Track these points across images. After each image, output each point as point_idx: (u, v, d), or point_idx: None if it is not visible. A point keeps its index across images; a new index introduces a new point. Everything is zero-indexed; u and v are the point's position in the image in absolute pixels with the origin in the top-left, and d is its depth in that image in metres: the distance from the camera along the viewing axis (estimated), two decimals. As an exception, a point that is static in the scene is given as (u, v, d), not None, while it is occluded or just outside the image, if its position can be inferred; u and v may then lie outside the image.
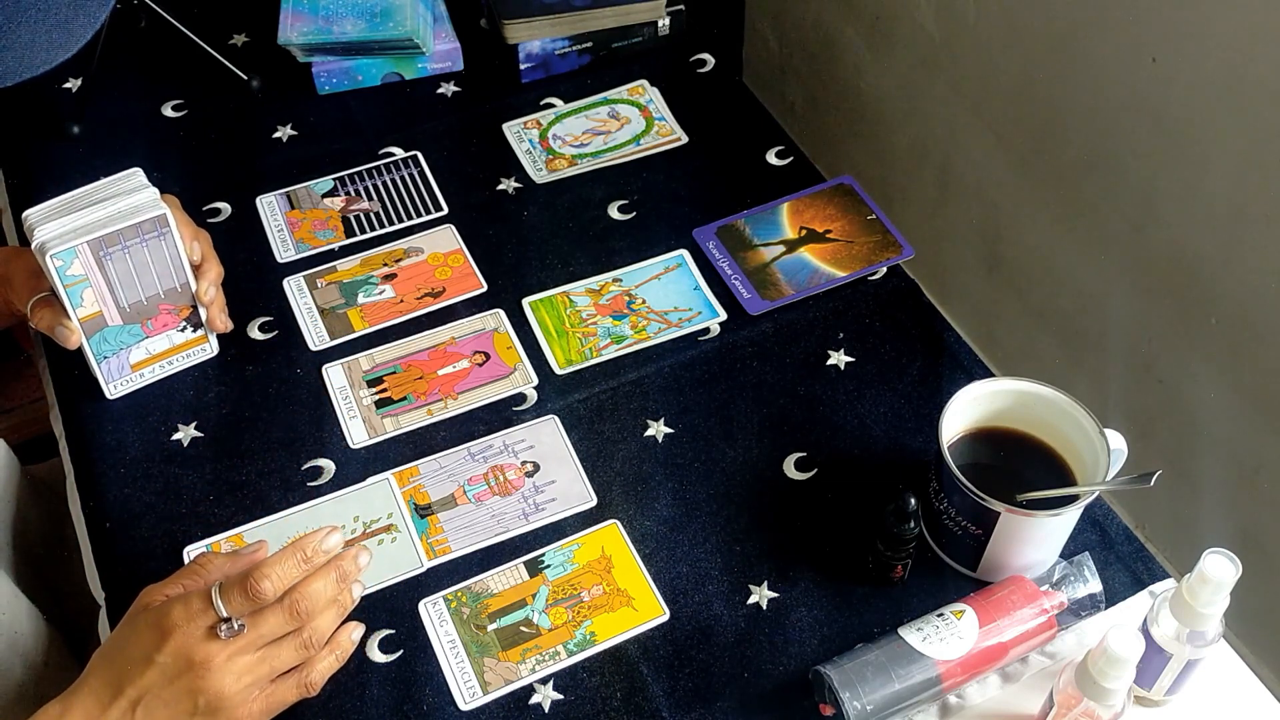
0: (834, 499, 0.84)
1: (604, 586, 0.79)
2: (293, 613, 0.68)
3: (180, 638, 0.66)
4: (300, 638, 0.69)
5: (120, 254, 0.81)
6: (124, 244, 0.80)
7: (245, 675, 0.67)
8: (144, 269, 0.83)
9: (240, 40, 1.20)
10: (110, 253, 0.81)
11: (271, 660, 0.68)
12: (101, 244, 0.80)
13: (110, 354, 0.86)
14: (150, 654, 0.66)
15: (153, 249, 0.82)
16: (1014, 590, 0.75)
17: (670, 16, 1.16)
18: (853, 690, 0.70)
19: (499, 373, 0.91)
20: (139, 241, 0.81)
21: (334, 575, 0.70)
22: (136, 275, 0.83)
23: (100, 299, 0.82)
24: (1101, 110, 1.05)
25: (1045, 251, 1.19)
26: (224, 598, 0.66)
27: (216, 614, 0.66)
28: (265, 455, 0.86)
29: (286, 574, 0.68)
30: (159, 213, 0.81)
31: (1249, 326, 0.99)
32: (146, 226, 0.81)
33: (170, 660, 0.66)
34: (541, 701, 0.74)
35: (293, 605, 0.68)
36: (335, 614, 0.71)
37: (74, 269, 0.79)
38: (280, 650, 0.69)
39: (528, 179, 1.06)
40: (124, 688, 0.65)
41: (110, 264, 0.81)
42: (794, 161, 1.07)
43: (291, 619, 0.68)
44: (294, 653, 0.69)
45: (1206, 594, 0.65)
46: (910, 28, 1.25)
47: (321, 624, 0.70)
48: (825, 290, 0.96)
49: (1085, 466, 0.76)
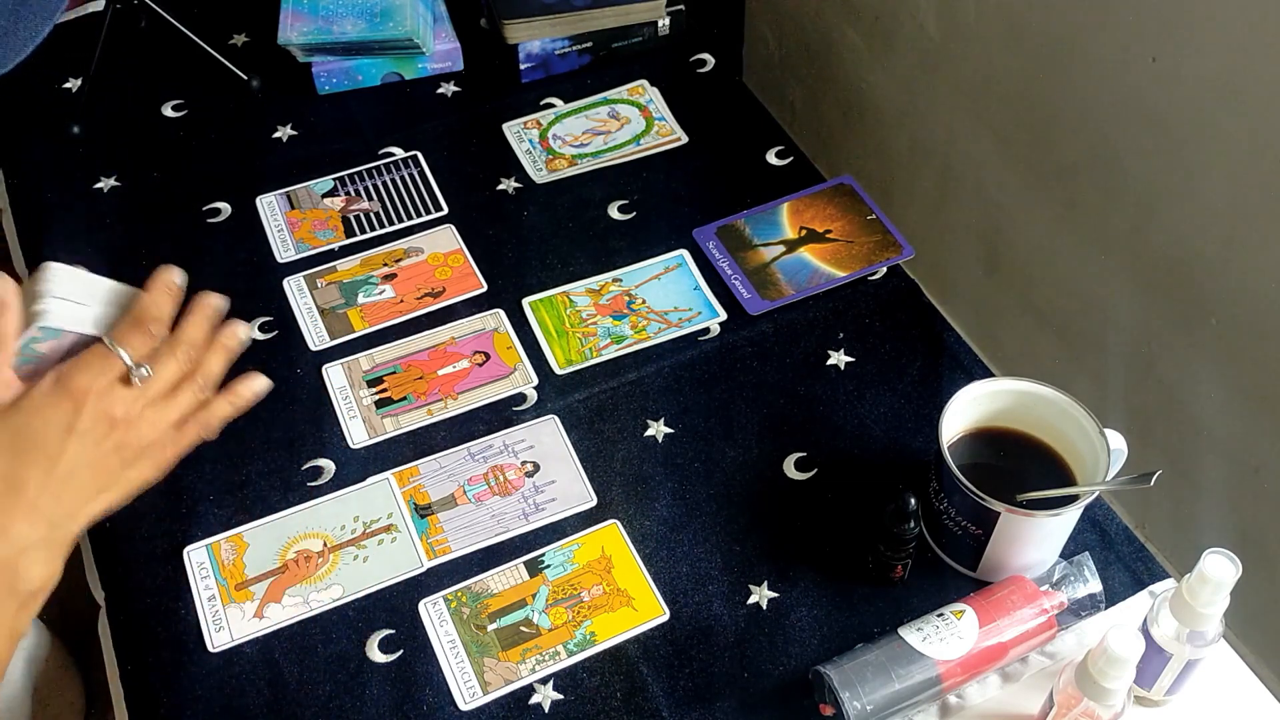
0: (834, 499, 0.84)
1: (604, 586, 0.79)
2: (185, 357, 0.69)
3: (96, 398, 0.65)
4: (195, 382, 0.70)
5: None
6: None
7: (159, 422, 0.68)
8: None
9: (240, 40, 1.20)
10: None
11: (175, 407, 0.69)
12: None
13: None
14: (68, 424, 0.64)
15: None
16: (1014, 590, 0.74)
17: (670, 16, 1.16)
18: (853, 690, 0.69)
19: (499, 373, 0.91)
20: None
21: (198, 316, 0.71)
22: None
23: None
24: (1102, 110, 1.05)
25: (1045, 251, 1.19)
26: (121, 340, 0.66)
27: (123, 363, 0.66)
28: (265, 455, 0.86)
29: (166, 309, 0.68)
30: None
31: (1249, 326, 0.99)
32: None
33: (91, 423, 0.65)
34: (541, 701, 0.74)
35: (183, 350, 0.69)
36: (220, 354, 0.72)
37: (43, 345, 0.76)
38: (179, 397, 0.69)
39: (528, 179, 1.06)
40: (48, 467, 0.64)
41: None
42: (794, 161, 1.07)
43: (184, 361, 0.69)
44: (192, 396, 0.70)
45: (1206, 594, 0.65)
46: (910, 28, 1.25)
47: (210, 366, 0.71)
48: (825, 290, 0.96)
49: (1085, 466, 0.76)
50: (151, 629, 0.78)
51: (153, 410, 0.68)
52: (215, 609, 0.78)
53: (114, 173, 1.07)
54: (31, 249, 1.02)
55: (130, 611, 0.78)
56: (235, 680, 0.75)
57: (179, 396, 0.70)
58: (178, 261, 0.79)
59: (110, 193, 1.06)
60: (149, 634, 0.78)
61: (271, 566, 0.80)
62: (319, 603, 0.79)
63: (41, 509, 0.64)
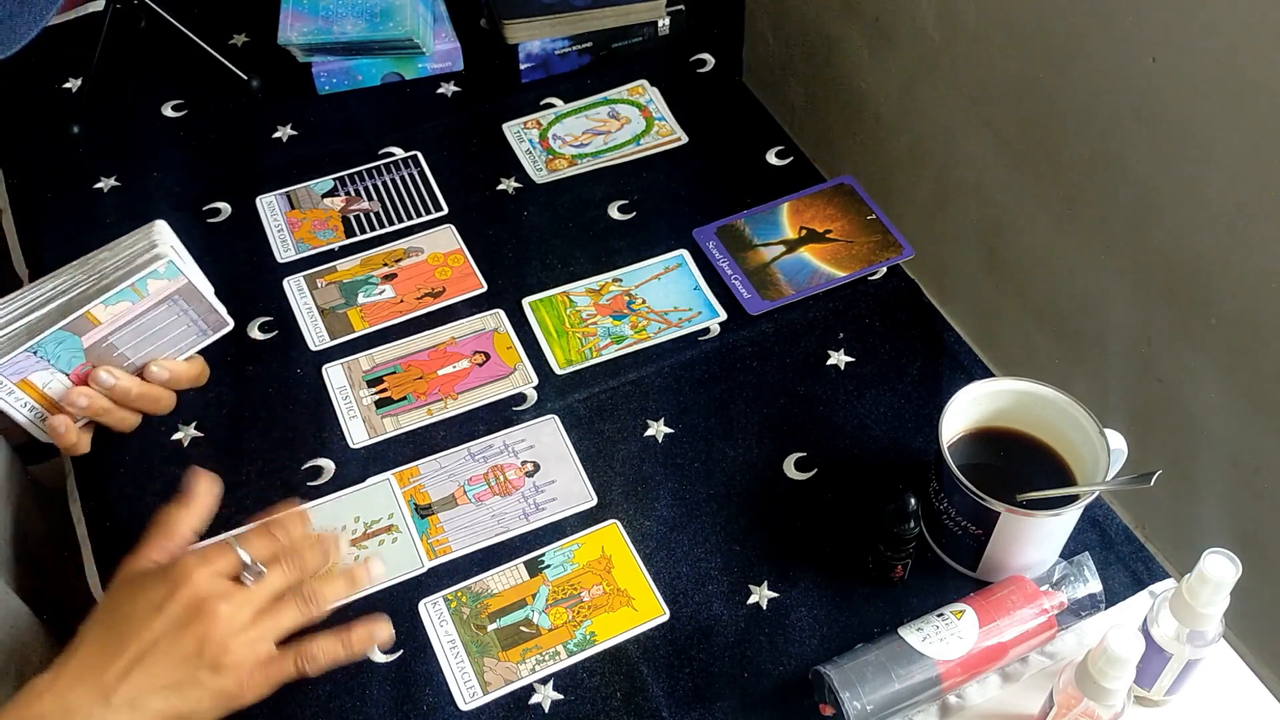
0: (834, 499, 0.84)
1: (604, 586, 0.79)
2: (291, 565, 0.67)
3: (193, 584, 0.63)
4: (301, 594, 0.67)
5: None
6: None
7: (251, 629, 0.65)
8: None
9: (240, 40, 1.20)
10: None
11: (276, 616, 0.66)
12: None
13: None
14: (159, 604, 0.63)
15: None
16: (1014, 590, 0.75)
17: (670, 16, 1.16)
18: (853, 690, 0.70)
19: (499, 373, 0.91)
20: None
21: (327, 544, 0.70)
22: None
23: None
24: (1101, 110, 1.05)
25: (1045, 251, 1.19)
26: (245, 545, 0.65)
27: (238, 557, 0.65)
28: (265, 455, 0.86)
29: (295, 525, 0.68)
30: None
31: (1249, 326, 0.99)
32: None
33: (180, 608, 0.63)
34: (541, 701, 0.74)
35: (288, 558, 0.68)
36: (341, 583, 0.70)
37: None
38: (282, 609, 0.66)
39: (528, 179, 1.06)
40: (126, 644, 0.62)
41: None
42: (794, 161, 1.07)
43: (290, 571, 0.67)
44: (295, 612, 0.67)
45: (1206, 594, 0.65)
46: (910, 28, 1.25)
47: (324, 589, 0.68)
48: (825, 290, 0.96)
49: (1085, 466, 0.76)
50: (151, 629, 0.78)
51: (241, 612, 0.64)
52: (215, 609, 0.78)
53: (114, 173, 1.07)
54: (31, 249, 1.02)
55: (130, 611, 0.78)
56: (235, 680, 0.75)
57: (281, 611, 0.66)
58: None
59: (110, 193, 1.06)
60: (149, 634, 0.78)
61: (271, 566, 0.80)
62: (319, 603, 0.79)
63: (105, 683, 0.61)
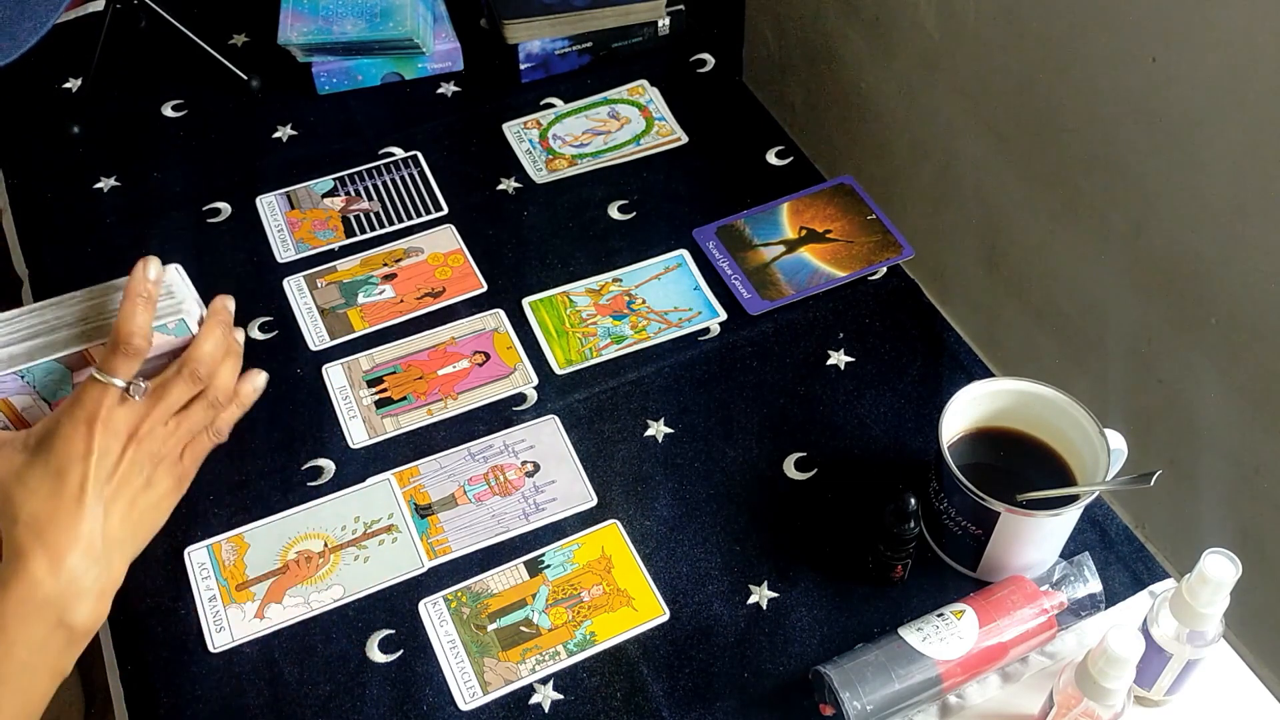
0: (834, 499, 0.84)
1: (604, 586, 0.79)
2: (193, 378, 0.72)
3: (106, 416, 0.68)
4: (207, 398, 0.73)
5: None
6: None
7: (169, 439, 0.71)
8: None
9: (240, 40, 1.20)
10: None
11: (186, 423, 0.72)
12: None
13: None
14: (87, 447, 0.67)
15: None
16: (1014, 590, 0.75)
17: (670, 16, 1.16)
18: (853, 690, 0.70)
19: (499, 373, 0.91)
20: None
21: (219, 331, 0.73)
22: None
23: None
24: (1101, 110, 1.05)
25: (1045, 251, 1.19)
26: (108, 369, 0.68)
27: (114, 385, 0.68)
28: (265, 455, 0.86)
29: (140, 321, 0.69)
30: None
31: (1249, 326, 0.99)
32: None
33: (108, 441, 0.68)
34: (541, 701, 0.74)
35: (192, 372, 0.72)
36: (232, 365, 0.74)
37: None
38: (191, 414, 0.73)
39: (528, 179, 1.06)
40: (84, 489, 0.67)
41: None
42: (794, 161, 1.07)
43: (193, 383, 0.72)
44: (204, 412, 0.73)
45: (1206, 594, 0.65)
46: (910, 28, 1.25)
47: (222, 380, 0.73)
48: (825, 290, 0.96)
49: (1085, 466, 0.76)
50: (151, 629, 0.78)
51: (159, 429, 0.70)
52: (216, 609, 0.78)
53: (114, 173, 1.07)
54: (31, 249, 1.02)
55: (130, 611, 0.78)
56: (235, 680, 0.75)
57: (189, 414, 0.72)
58: (178, 262, 0.80)
59: (110, 193, 1.06)
60: (149, 634, 0.78)
61: (272, 567, 0.80)
62: (320, 603, 0.79)
63: (85, 536, 0.66)
